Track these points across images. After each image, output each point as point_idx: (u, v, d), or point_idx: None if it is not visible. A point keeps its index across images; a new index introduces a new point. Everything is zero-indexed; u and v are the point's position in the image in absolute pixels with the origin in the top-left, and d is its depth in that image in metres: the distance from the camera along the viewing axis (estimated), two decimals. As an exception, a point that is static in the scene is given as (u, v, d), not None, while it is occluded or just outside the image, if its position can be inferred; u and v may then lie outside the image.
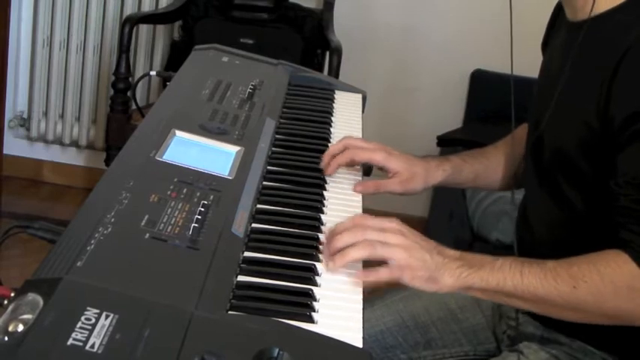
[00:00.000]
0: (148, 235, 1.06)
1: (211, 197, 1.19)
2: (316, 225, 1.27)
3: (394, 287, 1.42)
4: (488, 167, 1.61)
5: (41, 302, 0.87)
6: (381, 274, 1.17)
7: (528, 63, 1.54)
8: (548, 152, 1.37)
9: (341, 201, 1.39)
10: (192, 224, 1.10)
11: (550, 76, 1.42)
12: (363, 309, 1.11)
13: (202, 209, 1.14)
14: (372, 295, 1.52)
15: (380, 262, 1.19)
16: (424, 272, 1.19)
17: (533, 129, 1.45)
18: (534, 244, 1.42)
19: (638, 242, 1.19)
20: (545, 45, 1.55)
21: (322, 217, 1.31)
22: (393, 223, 1.21)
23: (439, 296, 1.55)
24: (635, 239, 1.19)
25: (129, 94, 2.88)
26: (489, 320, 1.54)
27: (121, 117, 2.88)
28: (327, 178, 1.44)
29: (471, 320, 1.55)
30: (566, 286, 1.19)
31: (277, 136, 1.55)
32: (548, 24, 1.54)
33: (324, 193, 1.39)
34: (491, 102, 3.14)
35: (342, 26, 3.10)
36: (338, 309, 1.09)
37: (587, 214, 1.32)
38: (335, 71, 2.80)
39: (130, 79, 2.91)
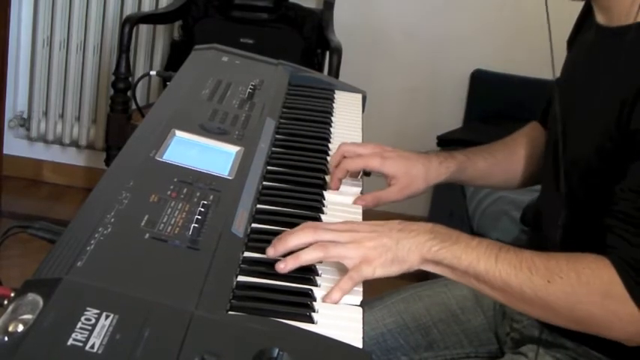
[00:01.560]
0: (147, 235, 1.06)
1: (211, 197, 1.19)
2: (316, 225, 1.27)
3: (393, 288, 1.39)
4: (493, 165, 1.57)
5: (41, 302, 0.87)
6: (344, 285, 1.11)
7: (529, 63, 1.54)
8: (569, 158, 1.33)
9: (341, 201, 1.39)
10: (192, 224, 1.10)
11: (575, 78, 1.38)
12: (363, 309, 1.11)
13: (202, 209, 1.14)
14: (371, 297, 1.51)
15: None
16: (385, 256, 1.14)
17: (555, 130, 1.41)
18: (546, 247, 1.40)
19: (623, 249, 1.14)
20: (571, 43, 1.50)
21: (322, 217, 1.30)
22: (344, 224, 1.18)
23: (440, 297, 1.54)
24: (620, 245, 1.15)
25: (129, 94, 2.88)
26: (491, 321, 1.53)
27: (121, 117, 2.88)
28: (328, 179, 1.44)
29: (472, 321, 1.53)
30: (541, 279, 1.14)
31: (277, 136, 1.55)
32: (577, 21, 1.49)
33: (324, 193, 1.39)
34: (491, 102, 3.14)
35: (342, 26, 3.10)
36: (338, 309, 1.09)
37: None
38: (335, 71, 2.80)
39: (130, 79, 2.91)
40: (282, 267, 1.12)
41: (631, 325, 1.14)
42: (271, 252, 1.14)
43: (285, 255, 1.14)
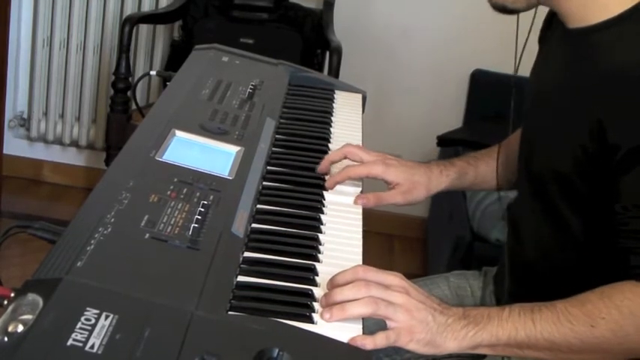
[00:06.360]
0: (147, 235, 1.06)
1: (211, 197, 1.19)
2: (316, 225, 1.27)
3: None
4: (494, 168, 1.57)
5: (41, 303, 0.87)
6: (378, 341, 1.06)
7: (529, 63, 1.53)
8: (541, 168, 1.33)
9: (341, 201, 1.39)
10: (192, 224, 1.10)
11: (545, 83, 1.37)
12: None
13: (202, 209, 1.14)
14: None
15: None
16: (424, 335, 1.11)
17: (526, 139, 1.41)
18: (525, 260, 1.39)
19: None
20: (542, 41, 1.49)
21: (322, 217, 1.31)
22: (397, 279, 1.13)
23: None
24: None
25: (129, 94, 2.88)
26: None
27: (121, 117, 2.88)
28: (327, 178, 1.44)
29: None
30: (584, 326, 1.12)
31: (277, 136, 1.55)
32: (547, 17, 1.47)
33: (324, 193, 1.39)
34: (491, 102, 3.14)
35: (342, 26, 3.10)
36: (338, 309, 1.09)
37: (584, 237, 1.27)
38: (335, 71, 2.80)
39: (130, 79, 2.91)
40: (328, 317, 1.06)
41: None
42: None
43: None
